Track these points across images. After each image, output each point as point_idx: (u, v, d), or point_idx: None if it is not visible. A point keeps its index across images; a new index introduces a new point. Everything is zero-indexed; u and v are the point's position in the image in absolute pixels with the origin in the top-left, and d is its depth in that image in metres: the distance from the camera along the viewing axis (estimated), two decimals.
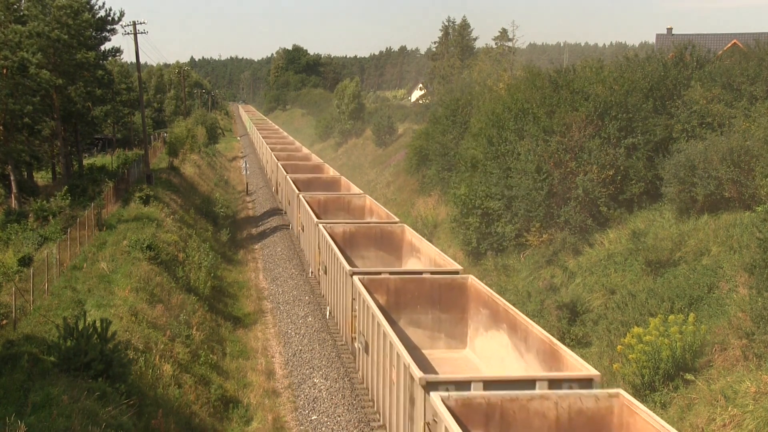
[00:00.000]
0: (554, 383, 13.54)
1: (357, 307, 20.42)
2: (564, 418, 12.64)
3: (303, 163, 54.95)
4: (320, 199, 37.25)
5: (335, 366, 24.43)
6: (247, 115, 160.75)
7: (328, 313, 27.32)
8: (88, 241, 32.08)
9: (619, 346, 19.40)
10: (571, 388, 13.37)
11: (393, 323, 18.64)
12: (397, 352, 15.31)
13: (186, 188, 54.35)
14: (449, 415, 11.93)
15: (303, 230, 35.48)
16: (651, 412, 12.12)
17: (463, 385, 13.47)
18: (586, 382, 13.50)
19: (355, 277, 20.65)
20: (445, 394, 12.69)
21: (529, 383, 13.55)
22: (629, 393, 13.79)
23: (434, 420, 12.60)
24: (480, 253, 33.80)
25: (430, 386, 13.36)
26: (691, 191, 25.45)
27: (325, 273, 27.30)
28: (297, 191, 38.55)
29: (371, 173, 68.43)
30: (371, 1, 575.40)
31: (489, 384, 13.48)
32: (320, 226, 28.70)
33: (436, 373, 18.26)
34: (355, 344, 21.03)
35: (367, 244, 28.81)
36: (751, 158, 24.06)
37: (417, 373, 13.74)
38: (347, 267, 22.06)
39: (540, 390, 13.26)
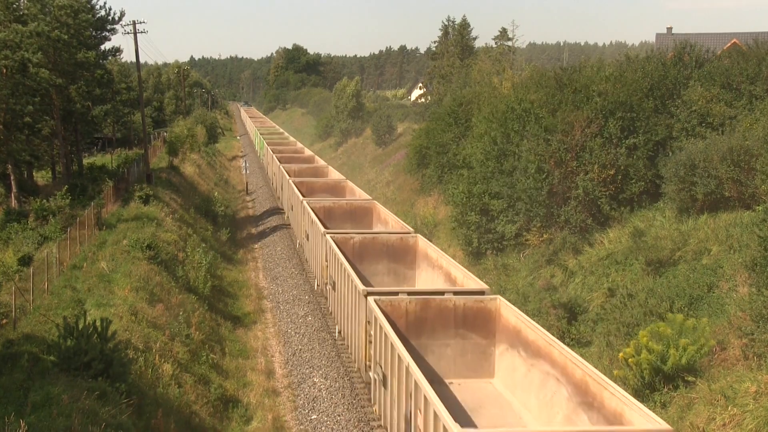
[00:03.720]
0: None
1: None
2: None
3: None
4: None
5: (335, 365, 24.43)
6: (252, 123, 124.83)
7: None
8: (88, 241, 32.08)
9: (621, 354, 19.22)
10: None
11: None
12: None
13: (186, 188, 54.33)
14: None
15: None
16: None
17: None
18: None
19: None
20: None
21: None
22: (629, 393, 13.78)
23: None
24: (480, 253, 33.80)
25: None
26: (691, 190, 25.45)
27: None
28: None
29: (371, 173, 68.43)
30: (371, 1, 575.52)
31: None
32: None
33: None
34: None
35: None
36: (751, 157, 24.06)
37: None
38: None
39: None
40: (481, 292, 19.15)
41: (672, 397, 17.63)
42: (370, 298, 18.79)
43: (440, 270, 23.69)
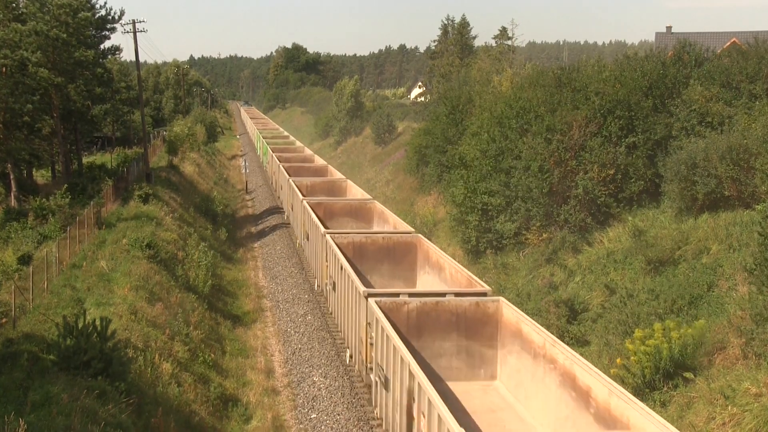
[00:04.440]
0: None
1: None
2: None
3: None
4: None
5: (335, 364, 24.43)
6: (253, 124, 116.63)
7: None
8: (87, 240, 32.07)
9: (618, 359, 19.27)
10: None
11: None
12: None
13: (185, 187, 54.33)
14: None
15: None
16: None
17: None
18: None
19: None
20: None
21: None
22: (629, 392, 13.77)
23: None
24: (479, 252, 33.81)
25: None
26: (691, 189, 25.45)
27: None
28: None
29: (370, 172, 68.43)
30: (371, 0, 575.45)
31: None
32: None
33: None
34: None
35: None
36: (750, 156, 24.06)
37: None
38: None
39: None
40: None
41: (672, 396, 17.64)
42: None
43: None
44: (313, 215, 31.46)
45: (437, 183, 46.22)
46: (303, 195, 37.14)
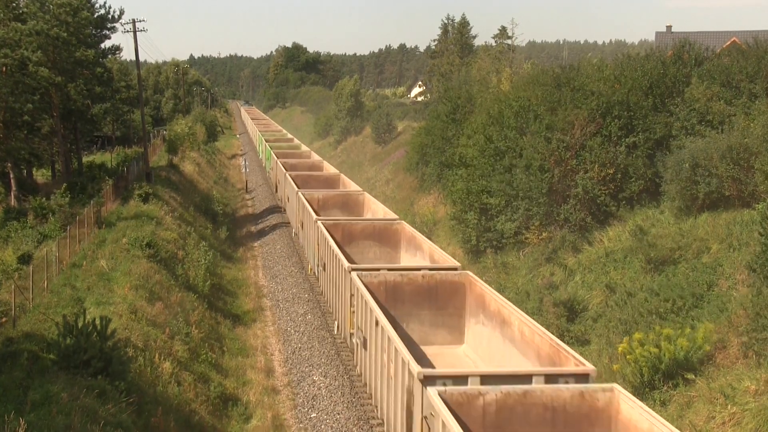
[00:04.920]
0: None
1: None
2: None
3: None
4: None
5: (334, 363, 24.44)
6: (254, 126, 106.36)
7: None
8: (87, 239, 32.08)
9: (620, 347, 19.29)
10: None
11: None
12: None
13: (185, 186, 54.33)
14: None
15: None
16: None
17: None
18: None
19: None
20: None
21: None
22: (629, 390, 13.79)
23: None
24: (479, 251, 33.80)
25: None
26: (691, 189, 25.45)
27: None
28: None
29: (370, 171, 68.44)
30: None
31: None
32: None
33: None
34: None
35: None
36: (751, 155, 24.06)
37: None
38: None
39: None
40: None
41: (672, 396, 17.65)
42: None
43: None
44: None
45: (437, 182, 46.21)
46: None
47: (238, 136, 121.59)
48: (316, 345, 26.36)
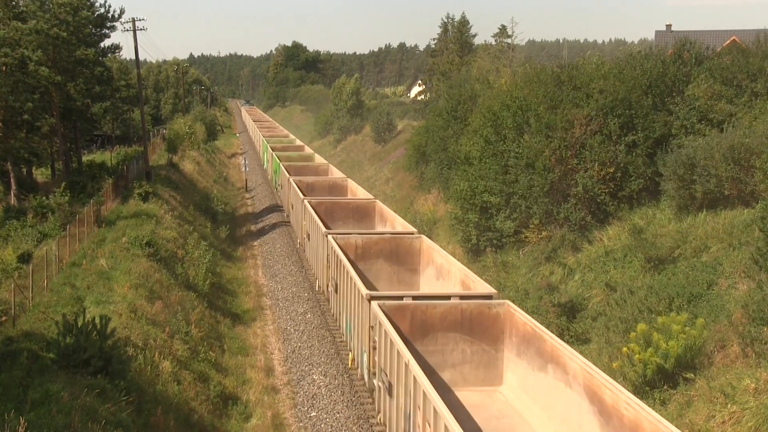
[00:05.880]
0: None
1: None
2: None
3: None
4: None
5: (334, 362, 24.43)
6: (258, 129, 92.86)
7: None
8: (87, 238, 32.05)
9: (624, 348, 19.14)
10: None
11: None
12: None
13: (185, 185, 54.31)
14: None
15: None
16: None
17: None
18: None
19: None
20: None
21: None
22: (629, 391, 13.77)
23: None
24: (479, 250, 33.81)
25: None
26: (690, 188, 25.44)
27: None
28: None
29: (370, 170, 68.44)
30: None
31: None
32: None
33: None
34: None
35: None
36: (751, 155, 24.04)
37: None
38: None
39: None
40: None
41: (671, 395, 17.65)
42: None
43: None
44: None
45: (437, 182, 46.19)
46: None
47: (237, 135, 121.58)
48: (316, 344, 26.36)
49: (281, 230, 44.50)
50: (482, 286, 19.28)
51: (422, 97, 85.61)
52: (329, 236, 26.33)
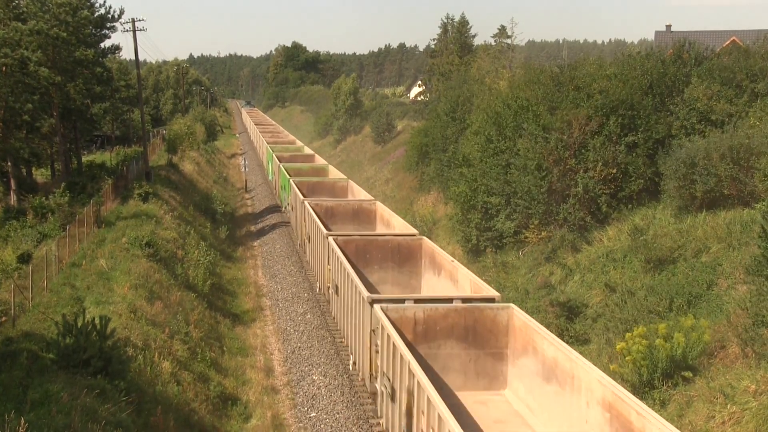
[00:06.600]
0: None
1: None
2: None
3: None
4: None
5: (334, 362, 24.44)
6: (261, 135, 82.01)
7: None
8: (87, 238, 32.05)
9: (618, 346, 19.15)
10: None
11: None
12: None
13: (185, 185, 54.31)
14: None
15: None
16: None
17: None
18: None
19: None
20: None
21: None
22: (629, 391, 13.77)
23: None
24: (479, 250, 33.82)
25: None
26: (690, 188, 25.45)
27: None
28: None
29: (370, 170, 68.44)
30: None
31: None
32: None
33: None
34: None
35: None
36: (751, 155, 24.06)
37: None
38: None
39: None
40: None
41: (671, 395, 17.64)
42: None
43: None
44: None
45: (436, 182, 46.19)
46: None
47: (237, 135, 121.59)
48: (316, 344, 26.36)
49: (281, 231, 44.50)
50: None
51: (422, 97, 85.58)
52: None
